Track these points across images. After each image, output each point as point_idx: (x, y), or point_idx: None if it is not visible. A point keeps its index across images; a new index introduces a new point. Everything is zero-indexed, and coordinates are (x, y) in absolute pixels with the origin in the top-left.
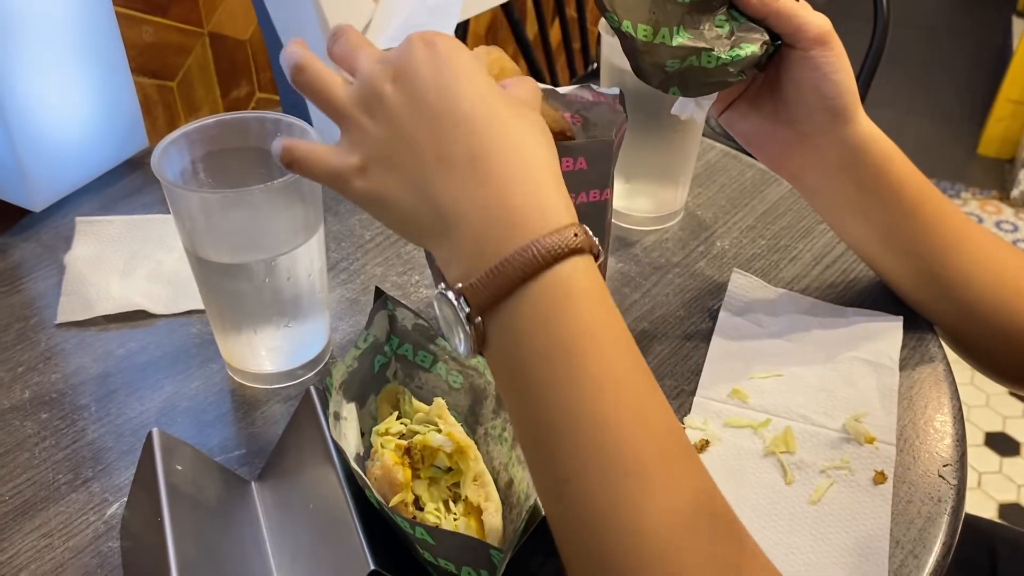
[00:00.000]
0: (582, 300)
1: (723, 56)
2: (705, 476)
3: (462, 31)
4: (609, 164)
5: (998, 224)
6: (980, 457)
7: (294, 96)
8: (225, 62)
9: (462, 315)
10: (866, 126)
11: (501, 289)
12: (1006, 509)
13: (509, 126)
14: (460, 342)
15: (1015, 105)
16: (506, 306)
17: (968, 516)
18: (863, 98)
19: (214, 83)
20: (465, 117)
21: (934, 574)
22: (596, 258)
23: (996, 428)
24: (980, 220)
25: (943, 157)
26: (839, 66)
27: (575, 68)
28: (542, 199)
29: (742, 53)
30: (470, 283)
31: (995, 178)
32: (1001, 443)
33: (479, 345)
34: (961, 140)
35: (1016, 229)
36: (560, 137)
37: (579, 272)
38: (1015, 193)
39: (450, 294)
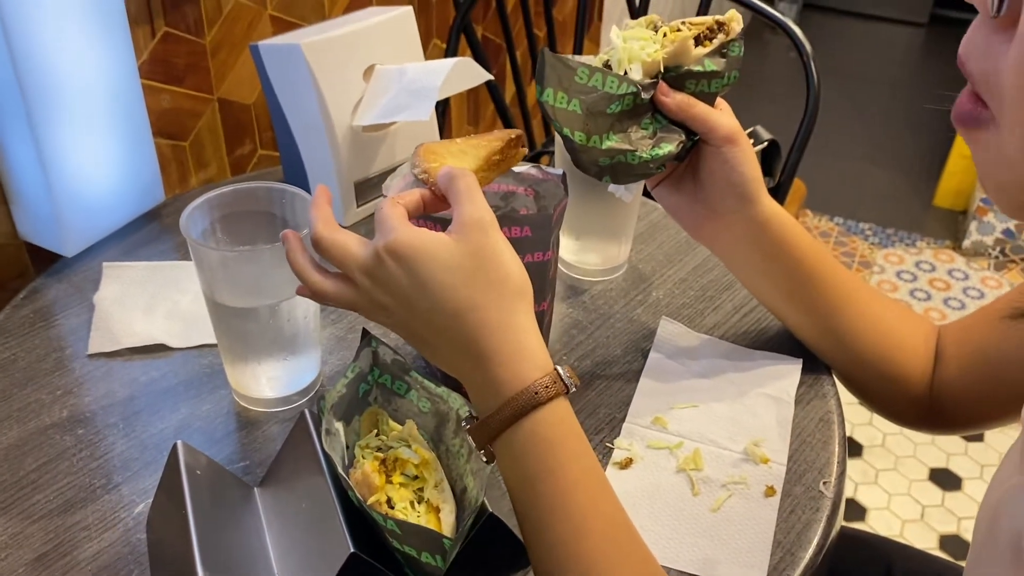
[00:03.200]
0: (547, 443)
1: (645, 155)
2: (649, 561)
3: (444, 102)
4: (549, 232)
5: (950, 272)
6: (924, 491)
7: (293, 159)
8: (231, 123)
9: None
10: (768, 206)
11: (492, 434)
12: (946, 540)
13: (480, 311)
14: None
15: (967, 160)
16: (497, 443)
17: (868, 535)
18: (797, 163)
19: (221, 142)
20: (448, 312)
21: (807, 569)
22: (568, 391)
23: (940, 464)
24: (933, 268)
25: (901, 208)
26: (744, 159)
27: (550, 129)
28: (516, 365)
29: (661, 152)
30: (471, 427)
31: (949, 229)
32: (944, 478)
33: (489, 459)
34: (918, 192)
35: (967, 277)
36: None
37: (543, 422)
38: (967, 243)
39: (466, 434)
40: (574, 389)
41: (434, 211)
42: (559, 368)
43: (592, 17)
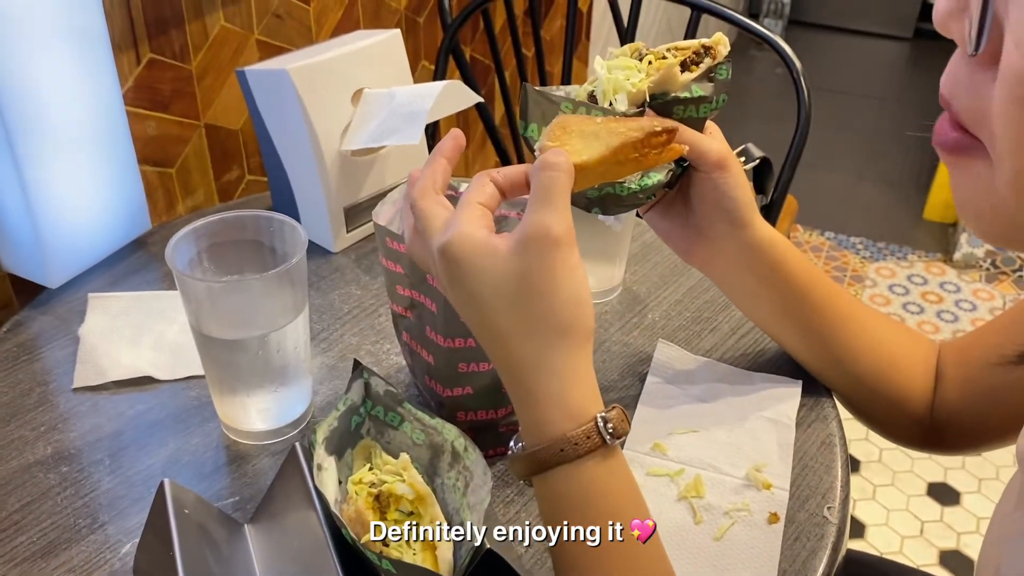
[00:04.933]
0: (575, 500)
1: (634, 186)
2: None
3: (433, 124)
4: None
5: (942, 285)
6: (922, 506)
7: (282, 185)
8: (219, 149)
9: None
10: (761, 229)
11: (524, 472)
12: (946, 556)
13: (515, 343)
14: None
15: None
16: (534, 479)
17: (858, 553)
18: (790, 179)
19: (208, 168)
20: (494, 332)
21: None
22: (617, 435)
23: (938, 479)
24: (925, 281)
25: (892, 221)
26: (735, 184)
27: None
28: (547, 411)
29: (650, 182)
30: (511, 455)
31: (939, 242)
32: (942, 493)
33: (528, 484)
34: (908, 205)
35: (959, 290)
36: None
37: (570, 479)
38: (957, 256)
39: (510, 455)
40: (617, 441)
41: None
42: (602, 416)
43: (580, 36)
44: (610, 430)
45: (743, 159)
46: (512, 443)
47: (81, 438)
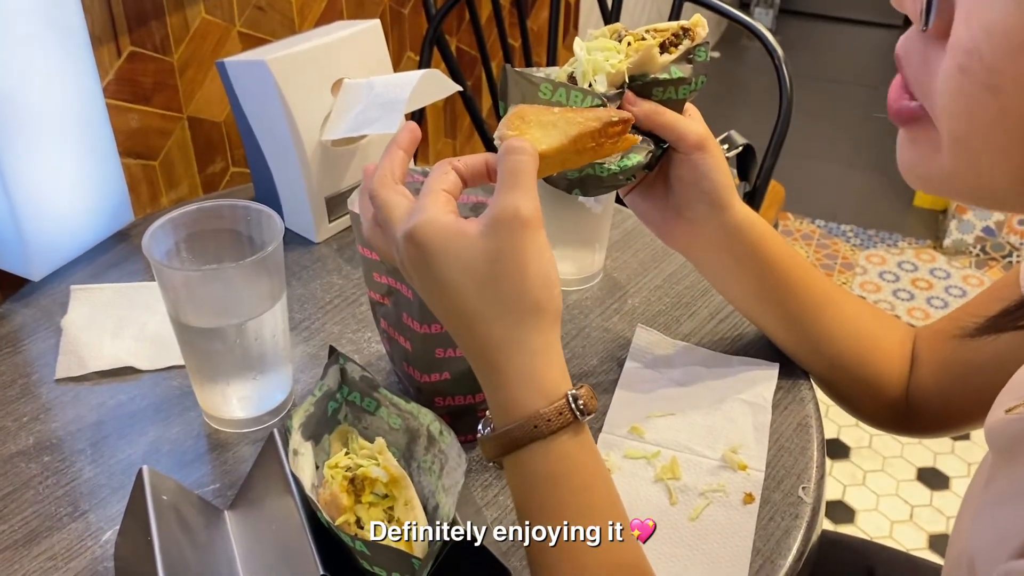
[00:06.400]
0: (548, 478)
1: (613, 167)
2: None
3: (419, 114)
4: None
5: (932, 271)
6: (912, 491)
7: (264, 176)
8: (202, 141)
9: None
10: (740, 212)
11: (495, 452)
12: (935, 540)
13: (485, 324)
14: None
15: None
16: (504, 460)
17: (850, 538)
18: (772, 166)
19: (192, 161)
20: (462, 315)
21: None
22: (588, 412)
23: (927, 464)
24: (916, 268)
25: (882, 208)
26: (714, 166)
27: None
28: (519, 390)
29: (630, 163)
30: (480, 437)
31: (929, 228)
32: (931, 478)
33: (499, 467)
34: (898, 192)
35: (948, 276)
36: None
37: (543, 456)
38: (947, 242)
39: (480, 437)
40: (587, 417)
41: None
42: (572, 394)
43: (568, 27)
44: (580, 406)
45: (726, 146)
46: (480, 427)
47: (63, 428)
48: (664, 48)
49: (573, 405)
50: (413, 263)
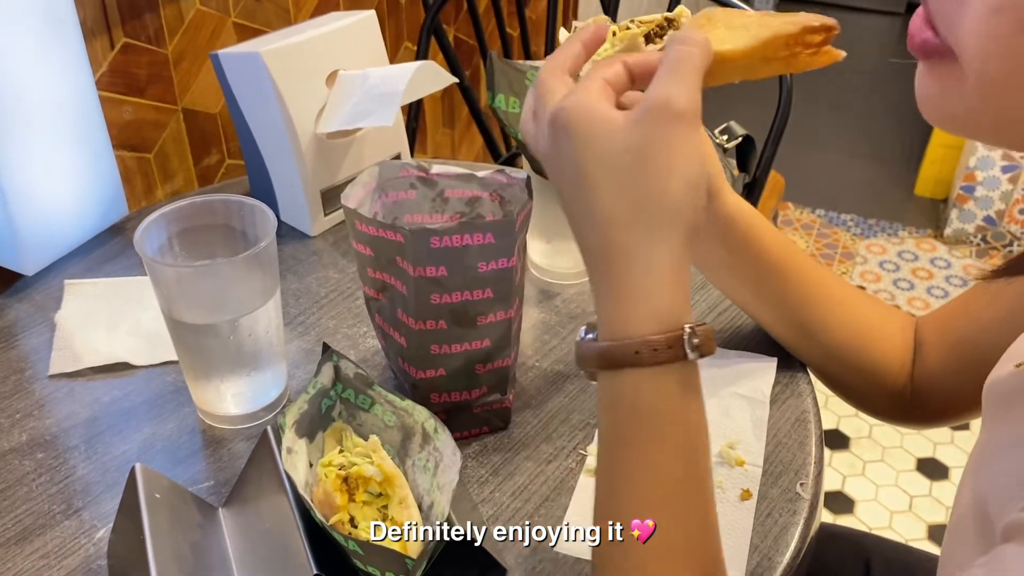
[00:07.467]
0: (637, 411)
1: None
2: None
3: (417, 105)
4: (512, 239)
5: (933, 261)
6: (911, 481)
7: (259, 168)
8: (197, 134)
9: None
10: (732, 201)
11: (589, 364)
12: (935, 530)
13: (613, 228)
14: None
15: (946, 149)
16: (604, 376)
17: (847, 529)
18: (772, 157)
19: (187, 153)
20: (592, 213)
21: (785, 573)
22: (703, 353)
23: (927, 454)
24: (916, 258)
25: (883, 198)
26: (704, 153)
27: None
28: (630, 307)
29: None
30: (580, 341)
31: (930, 217)
32: (931, 468)
33: (590, 377)
34: (899, 182)
35: (949, 265)
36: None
37: (637, 386)
38: (948, 232)
39: (578, 341)
40: (696, 358)
41: None
42: (689, 328)
43: (567, 16)
44: (696, 343)
45: (726, 137)
46: (583, 331)
47: (57, 424)
48: (649, 39)
49: (687, 339)
50: (554, 146)
